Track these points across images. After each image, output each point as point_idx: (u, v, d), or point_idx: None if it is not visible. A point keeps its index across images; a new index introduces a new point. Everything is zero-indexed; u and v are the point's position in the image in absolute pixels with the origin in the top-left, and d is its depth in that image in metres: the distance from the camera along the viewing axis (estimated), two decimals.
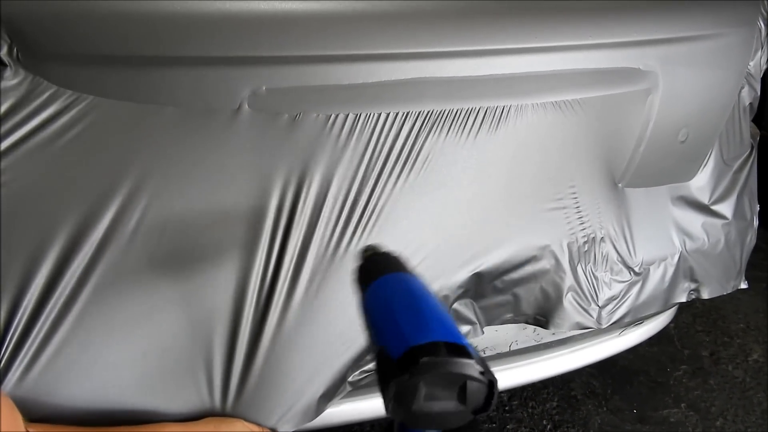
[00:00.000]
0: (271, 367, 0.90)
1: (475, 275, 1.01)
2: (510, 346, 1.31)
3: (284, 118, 0.87)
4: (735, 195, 1.35)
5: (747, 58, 1.22)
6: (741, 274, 1.42)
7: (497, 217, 1.02)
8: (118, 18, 0.78)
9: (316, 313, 0.92)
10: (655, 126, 1.12)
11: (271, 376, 0.91)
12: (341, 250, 0.92)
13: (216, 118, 0.84)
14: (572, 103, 1.02)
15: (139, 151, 0.83)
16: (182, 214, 0.86)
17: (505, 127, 0.98)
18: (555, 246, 1.07)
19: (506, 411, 1.81)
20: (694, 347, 2.11)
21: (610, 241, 1.16)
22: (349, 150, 0.90)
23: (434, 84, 0.93)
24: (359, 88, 0.90)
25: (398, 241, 0.95)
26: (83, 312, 0.82)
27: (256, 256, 0.88)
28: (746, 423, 1.81)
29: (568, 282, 1.10)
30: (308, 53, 0.87)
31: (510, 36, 0.97)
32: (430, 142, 0.94)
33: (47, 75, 0.79)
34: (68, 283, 0.82)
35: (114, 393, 0.85)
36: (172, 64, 0.82)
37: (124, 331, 0.85)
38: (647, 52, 1.06)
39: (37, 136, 0.80)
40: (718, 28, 1.14)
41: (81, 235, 0.82)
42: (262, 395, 0.91)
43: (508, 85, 0.98)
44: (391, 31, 0.90)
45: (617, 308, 1.17)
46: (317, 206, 0.90)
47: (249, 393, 0.90)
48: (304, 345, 0.92)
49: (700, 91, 1.16)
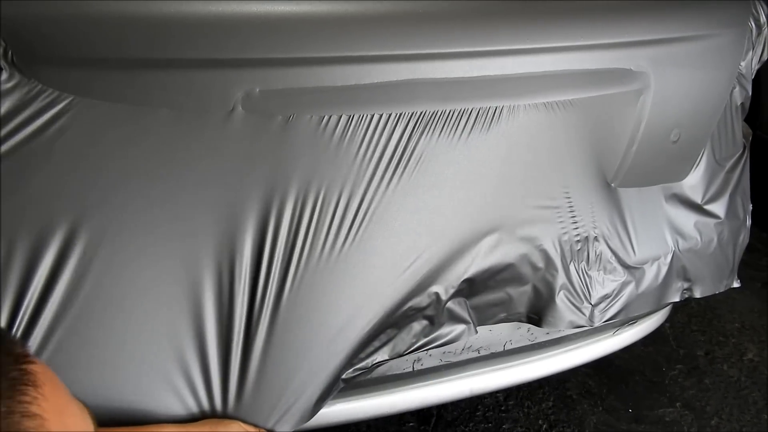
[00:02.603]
0: (267, 368, 0.91)
1: (467, 275, 1.02)
2: (504, 345, 1.31)
3: (277, 120, 0.87)
4: (727, 194, 1.35)
5: (738, 59, 1.23)
6: (734, 273, 1.42)
7: (490, 217, 1.02)
8: (113, 20, 0.79)
9: (310, 313, 0.92)
10: (647, 126, 1.13)
11: (268, 378, 0.91)
12: (335, 252, 0.93)
13: (210, 120, 0.85)
14: (564, 103, 1.03)
15: (133, 153, 0.84)
16: (175, 214, 0.86)
17: (497, 128, 0.98)
18: (548, 245, 1.08)
19: (502, 411, 1.82)
20: (689, 347, 2.11)
21: (603, 240, 1.17)
22: (342, 151, 0.90)
23: (427, 85, 0.94)
24: (352, 89, 0.90)
25: (391, 242, 0.96)
26: (79, 314, 0.83)
27: (248, 257, 0.89)
28: (741, 422, 1.82)
29: (560, 281, 1.11)
30: (301, 55, 0.87)
31: (502, 37, 0.97)
32: (423, 143, 0.95)
33: (42, 78, 0.80)
34: (65, 285, 0.83)
35: (111, 394, 0.86)
36: (166, 66, 0.83)
37: (121, 334, 0.86)
38: (639, 53, 1.07)
39: (32, 139, 0.80)
40: (709, 29, 1.14)
41: (75, 235, 0.83)
42: (260, 397, 0.91)
43: (501, 86, 0.99)
44: (384, 32, 0.91)
45: (610, 307, 1.18)
46: (310, 207, 0.91)
47: (247, 395, 0.91)
48: (299, 346, 0.92)
49: (692, 92, 1.16)
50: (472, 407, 1.83)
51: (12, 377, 0.43)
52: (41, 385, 0.45)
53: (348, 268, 0.95)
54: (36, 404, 0.43)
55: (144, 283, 0.87)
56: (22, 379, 0.44)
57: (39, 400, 0.44)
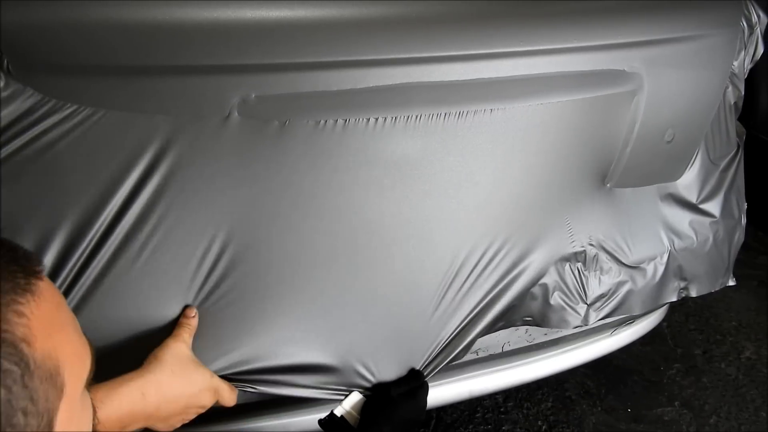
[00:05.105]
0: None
1: (464, 279, 1.02)
2: (503, 347, 1.32)
3: (274, 125, 0.87)
4: (722, 193, 1.36)
5: (731, 59, 1.24)
6: (729, 271, 1.43)
7: (486, 218, 1.03)
8: (108, 28, 0.79)
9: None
10: (642, 127, 1.13)
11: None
12: (331, 253, 0.93)
13: (206, 126, 0.85)
14: (559, 105, 1.04)
15: (129, 160, 0.84)
16: (172, 222, 0.87)
17: (492, 130, 0.99)
18: (543, 246, 1.08)
19: (501, 412, 1.82)
20: (687, 346, 2.12)
21: (599, 240, 1.17)
22: (339, 155, 0.91)
23: (422, 89, 0.94)
24: (348, 93, 0.91)
25: (386, 247, 0.97)
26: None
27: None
28: (739, 420, 1.82)
29: (555, 281, 1.12)
30: (297, 60, 0.88)
31: (496, 40, 0.98)
32: (419, 146, 0.95)
33: (37, 85, 0.80)
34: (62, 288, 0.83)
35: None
36: (162, 72, 0.83)
37: (116, 344, 0.86)
38: (632, 54, 1.08)
39: (28, 147, 0.80)
40: (701, 29, 1.15)
41: (73, 244, 0.83)
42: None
43: (496, 88, 0.99)
44: (379, 36, 0.91)
45: (605, 306, 1.18)
46: (305, 212, 0.91)
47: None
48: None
49: (685, 92, 1.17)
50: (471, 409, 1.83)
51: (15, 281, 0.46)
52: (40, 297, 0.47)
53: (346, 271, 0.95)
54: (27, 307, 0.45)
55: (141, 286, 0.88)
56: (23, 285, 0.46)
57: (32, 306, 0.46)
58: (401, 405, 1.01)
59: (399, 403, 1.01)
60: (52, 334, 0.47)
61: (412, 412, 1.03)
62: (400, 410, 1.01)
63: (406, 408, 1.02)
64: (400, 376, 1.05)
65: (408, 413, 1.02)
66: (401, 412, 1.01)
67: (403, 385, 1.04)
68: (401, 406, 1.01)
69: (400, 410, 1.01)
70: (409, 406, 1.03)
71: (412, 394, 1.04)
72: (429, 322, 1.04)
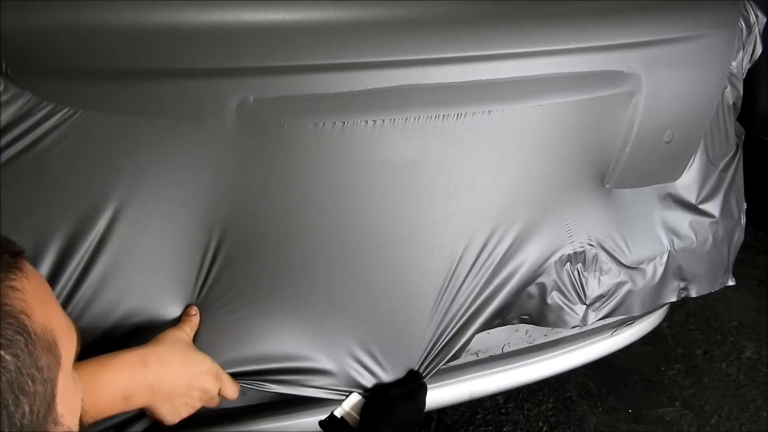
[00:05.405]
0: None
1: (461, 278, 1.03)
2: (503, 348, 1.31)
3: (272, 128, 0.87)
4: (722, 193, 1.36)
5: (729, 59, 1.24)
6: (729, 271, 1.43)
7: (484, 219, 1.03)
8: (106, 31, 0.79)
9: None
10: (640, 127, 1.13)
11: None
12: (329, 255, 0.93)
13: (204, 129, 0.85)
14: (557, 106, 1.04)
15: (127, 164, 0.84)
16: (170, 224, 0.87)
17: (490, 131, 0.99)
18: (542, 246, 1.08)
19: (502, 414, 1.82)
20: (687, 346, 2.12)
21: (598, 241, 1.17)
22: (337, 157, 0.91)
23: (420, 90, 0.94)
24: (346, 96, 0.91)
25: (384, 249, 0.97)
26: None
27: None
28: (741, 420, 1.82)
29: (553, 280, 1.12)
30: (295, 63, 0.88)
31: (494, 41, 0.98)
32: (418, 147, 0.95)
33: (36, 89, 0.80)
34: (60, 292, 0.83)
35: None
36: (160, 76, 0.83)
37: (116, 344, 0.86)
38: (630, 55, 1.08)
39: (27, 151, 0.80)
40: (699, 29, 1.15)
41: (73, 247, 0.83)
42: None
43: (494, 90, 0.99)
44: (377, 39, 0.91)
45: (604, 307, 1.18)
46: (304, 214, 0.91)
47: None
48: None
49: (684, 92, 1.17)
50: (471, 411, 1.83)
51: (3, 260, 0.49)
52: (28, 274, 0.50)
53: (344, 273, 0.95)
54: (20, 283, 0.48)
55: (139, 290, 0.88)
56: (12, 263, 0.49)
57: (24, 282, 0.48)
58: (400, 406, 1.02)
59: (398, 404, 1.01)
60: (44, 308, 0.50)
61: (411, 412, 1.04)
62: (399, 411, 1.01)
63: (405, 409, 1.02)
64: (399, 377, 1.05)
65: (407, 414, 1.03)
66: (400, 412, 1.01)
67: (402, 386, 1.04)
68: (400, 406, 1.01)
69: (399, 411, 1.01)
70: (408, 406, 1.03)
71: (411, 395, 1.04)
72: (427, 322, 1.04)
